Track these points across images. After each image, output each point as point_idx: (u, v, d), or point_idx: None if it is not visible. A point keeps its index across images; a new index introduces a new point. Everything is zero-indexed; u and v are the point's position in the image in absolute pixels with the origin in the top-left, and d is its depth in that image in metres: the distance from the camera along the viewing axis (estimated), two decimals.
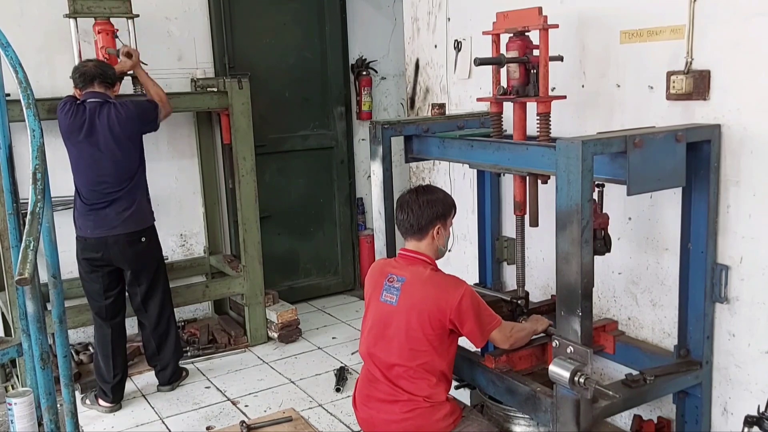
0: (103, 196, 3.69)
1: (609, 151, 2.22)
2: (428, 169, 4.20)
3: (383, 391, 2.54)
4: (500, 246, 3.62)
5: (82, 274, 3.83)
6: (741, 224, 2.52)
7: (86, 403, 3.82)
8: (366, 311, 2.68)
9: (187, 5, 4.81)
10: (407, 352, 2.49)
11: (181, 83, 4.79)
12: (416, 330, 2.47)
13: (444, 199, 2.64)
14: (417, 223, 2.56)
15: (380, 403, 2.55)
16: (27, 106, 1.95)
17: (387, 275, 2.59)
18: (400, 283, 2.54)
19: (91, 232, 3.70)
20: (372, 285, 2.66)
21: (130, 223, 3.74)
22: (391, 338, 2.52)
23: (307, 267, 5.63)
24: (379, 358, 2.55)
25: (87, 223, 3.71)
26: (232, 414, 3.73)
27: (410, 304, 2.49)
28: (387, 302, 2.54)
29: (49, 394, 2.04)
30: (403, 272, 2.57)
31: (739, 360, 2.59)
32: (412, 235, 2.61)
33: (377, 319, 2.58)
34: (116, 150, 3.68)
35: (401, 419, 2.49)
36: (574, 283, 2.19)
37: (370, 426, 2.61)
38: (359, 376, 2.69)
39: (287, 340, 4.67)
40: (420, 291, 2.50)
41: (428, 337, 2.47)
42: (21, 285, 1.81)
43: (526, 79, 2.74)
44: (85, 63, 3.78)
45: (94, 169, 3.69)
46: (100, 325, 3.82)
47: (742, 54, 2.44)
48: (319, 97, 5.49)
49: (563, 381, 2.18)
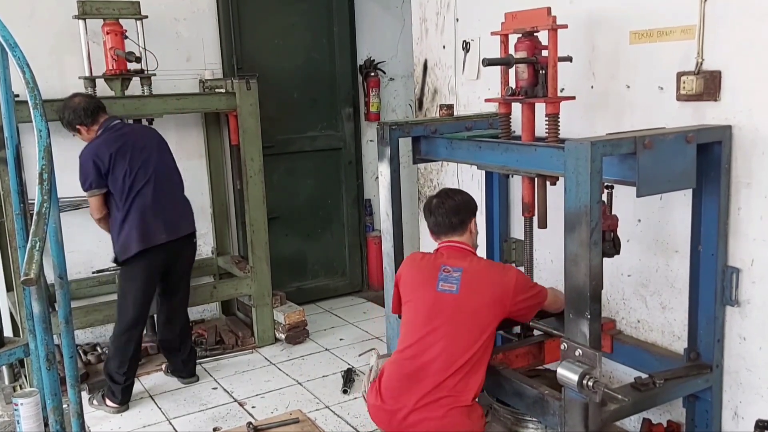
0: (169, 202, 3.81)
1: (618, 152, 2.20)
2: (436, 170, 4.18)
3: (428, 384, 2.49)
4: (508, 248, 3.61)
5: (138, 284, 3.76)
6: (752, 226, 2.49)
7: (93, 403, 3.82)
8: (411, 304, 2.68)
9: (195, 6, 4.82)
10: (469, 340, 2.51)
11: (189, 84, 4.80)
12: (482, 314, 2.55)
13: (471, 198, 2.84)
14: (457, 218, 2.71)
15: (421, 399, 2.49)
16: (34, 106, 1.95)
17: (440, 266, 2.64)
18: (459, 272, 2.60)
19: (167, 236, 3.73)
20: (421, 276, 2.68)
21: (191, 223, 3.96)
22: (453, 327, 2.53)
23: (314, 268, 5.63)
24: (432, 348, 2.53)
25: (157, 230, 3.71)
26: (239, 415, 3.72)
27: (474, 291, 2.57)
28: (447, 291, 2.59)
29: (54, 394, 2.04)
30: (458, 263, 2.64)
31: (750, 364, 2.56)
32: (453, 231, 2.72)
33: (433, 309, 2.58)
34: (164, 155, 3.88)
35: (442, 416, 2.46)
36: (582, 286, 2.17)
37: (394, 419, 2.54)
38: (389, 368, 2.63)
39: (294, 342, 4.66)
40: (483, 277, 2.60)
41: (492, 323, 2.56)
42: (27, 285, 1.81)
43: (534, 79, 2.73)
44: (74, 100, 3.71)
45: (156, 176, 3.75)
46: (132, 329, 3.79)
47: (754, 54, 2.42)
48: (327, 98, 5.48)
49: (572, 384, 2.17)
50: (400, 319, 2.78)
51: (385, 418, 2.58)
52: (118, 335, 3.80)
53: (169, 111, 4.30)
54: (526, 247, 3.04)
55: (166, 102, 4.25)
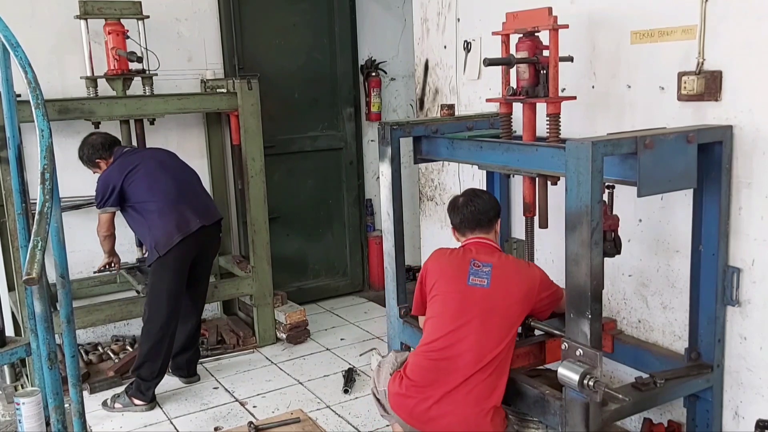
0: (191, 193, 3.94)
1: (619, 152, 2.21)
2: (437, 170, 4.19)
3: (458, 377, 2.50)
4: (510, 248, 3.61)
5: (172, 277, 3.79)
6: (753, 226, 2.50)
7: (116, 406, 3.77)
8: (441, 297, 2.68)
9: (197, 6, 4.83)
10: (499, 334, 2.53)
11: (190, 84, 4.80)
12: (513, 308, 2.60)
13: (496, 199, 2.94)
14: (486, 215, 2.78)
15: (448, 394, 2.50)
16: (36, 106, 1.95)
17: (470, 261, 2.67)
18: (489, 267, 2.65)
19: (200, 221, 3.83)
20: (451, 270, 2.70)
21: (217, 210, 4.09)
22: (483, 321, 2.55)
23: (315, 268, 5.63)
24: (462, 341, 2.54)
25: (191, 218, 3.80)
26: (240, 415, 3.73)
27: (505, 286, 2.62)
28: (477, 285, 2.62)
29: (56, 394, 2.04)
30: (487, 258, 2.69)
31: (750, 364, 2.56)
32: (482, 228, 2.78)
33: (464, 302, 2.61)
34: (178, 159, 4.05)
35: (465, 416, 2.47)
36: (583, 285, 2.17)
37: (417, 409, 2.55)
38: (415, 359, 2.63)
39: (296, 341, 4.66)
40: (512, 272, 2.66)
41: (520, 316, 2.64)
42: (28, 285, 1.81)
43: (535, 79, 2.73)
44: (91, 137, 3.93)
45: (173, 174, 3.90)
46: (167, 326, 3.79)
47: (755, 54, 2.42)
48: (328, 98, 5.48)
49: (572, 384, 2.17)
50: (422, 317, 2.82)
51: (408, 407, 2.59)
52: (153, 333, 3.78)
53: (171, 111, 4.31)
54: (527, 247, 3.04)
55: (168, 102, 4.25)
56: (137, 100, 4.20)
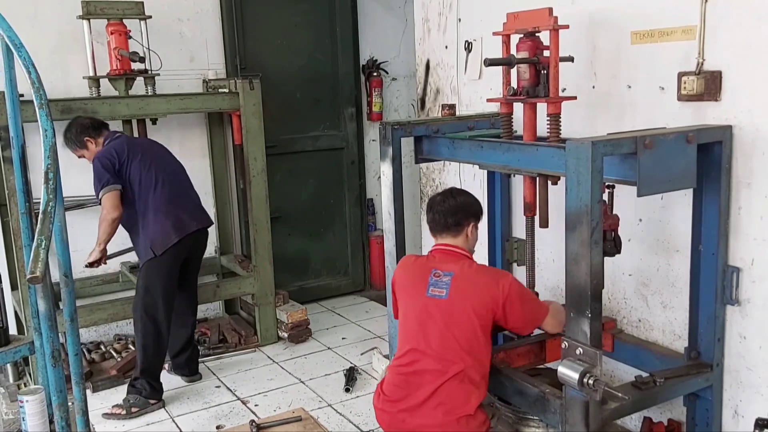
0: (186, 194, 3.95)
1: (619, 152, 2.21)
2: (438, 170, 4.19)
3: (425, 392, 2.47)
4: (510, 247, 3.62)
5: (167, 277, 3.79)
6: (752, 226, 2.50)
7: (132, 411, 3.72)
8: (403, 309, 2.66)
9: (199, 7, 4.84)
10: (459, 346, 2.47)
11: (192, 84, 4.82)
12: (471, 321, 2.48)
13: (476, 201, 2.78)
14: (454, 219, 2.65)
15: (417, 408, 2.48)
16: (39, 106, 1.97)
17: (431, 270, 2.59)
18: (449, 276, 2.55)
19: (197, 224, 3.85)
20: (412, 281, 2.64)
21: (208, 215, 4.10)
22: (442, 333, 2.49)
23: (317, 267, 5.64)
24: (424, 355, 2.50)
25: (187, 219, 3.81)
26: (242, 413, 3.74)
27: (463, 296, 2.52)
28: (436, 296, 2.54)
29: (59, 391, 2.06)
30: (449, 266, 2.59)
31: (750, 363, 2.57)
32: (448, 231, 2.66)
33: (424, 314, 2.55)
34: (171, 156, 4.00)
35: (440, 423, 2.44)
36: (583, 285, 2.18)
37: (395, 421, 2.55)
38: (390, 373, 2.62)
39: (297, 340, 4.68)
40: (472, 282, 2.54)
41: (482, 329, 2.50)
42: (32, 283, 1.83)
43: (536, 79, 2.74)
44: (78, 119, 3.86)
45: (170, 172, 3.88)
46: (162, 324, 3.80)
47: (754, 55, 2.43)
48: (329, 98, 5.50)
49: (572, 382, 2.18)
50: None
51: (386, 421, 2.60)
52: (150, 334, 3.77)
53: (173, 111, 4.32)
54: (528, 247, 3.04)
55: (170, 102, 4.27)
56: (140, 100, 4.22)
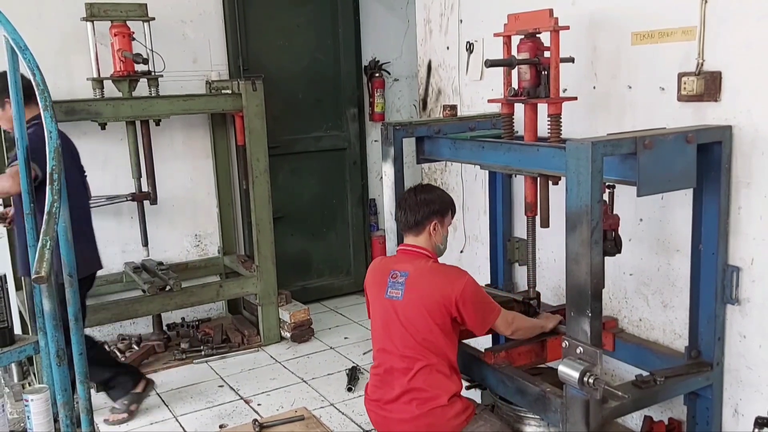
0: None
1: (619, 152, 2.22)
2: (440, 170, 4.21)
3: (396, 389, 2.54)
4: (512, 247, 3.63)
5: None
6: (752, 226, 2.51)
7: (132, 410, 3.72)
8: (371, 311, 2.71)
9: (202, 8, 4.86)
10: (419, 345, 2.51)
11: (195, 85, 4.84)
12: (426, 320, 2.50)
13: (441, 196, 2.70)
14: (414, 218, 2.62)
15: (392, 404, 2.56)
16: (44, 108, 1.99)
17: (390, 272, 2.62)
18: (404, 277, 2.56)
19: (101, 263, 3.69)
20: (375, 283, 2.68)
21: None
22: (402, 333, 2.53)
23: (319, 267, 5.66)
24: (391, 354, 2.57)
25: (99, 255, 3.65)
26: (244, 413, 3.76)
27: (416, 297, 2.52)
28: (393, 298, 2.57)
29: (64, 390, 2.08)
30: (405, 266, 2.60)
31: (750, 362, 2.58)
32: (410, 230, 2.66)
33: (386, 316, 2.59)
34: None
35: (415, 417, 2.50)
36: (583, 284, 2.19)
37: (384, 427, 2.63)
38: (370, 379, 2.71)
39: (300, 340, 4.70)
40: (424, 282, 2.54)
41: (438, 327, 2.50)
42: (37, 283, 1.85)
43: (537, 80, 2.75)
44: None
45: (87, 192, 3.67)
46: (94, 341, 3.80)
47: (754, 55, 2.44)
48: (332, 98, 5.52)
49: (572, 381, 2.19)
50: None
51: (374, 420, 2.68)
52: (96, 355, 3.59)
53: (176, 112, 4.34)
54: (529, 247, 3.05)
55: (173, 103, 4.29)
56: (143, 101, 4.24)
